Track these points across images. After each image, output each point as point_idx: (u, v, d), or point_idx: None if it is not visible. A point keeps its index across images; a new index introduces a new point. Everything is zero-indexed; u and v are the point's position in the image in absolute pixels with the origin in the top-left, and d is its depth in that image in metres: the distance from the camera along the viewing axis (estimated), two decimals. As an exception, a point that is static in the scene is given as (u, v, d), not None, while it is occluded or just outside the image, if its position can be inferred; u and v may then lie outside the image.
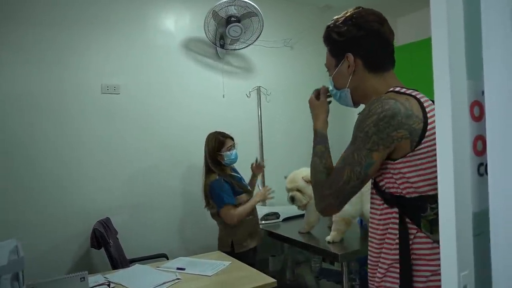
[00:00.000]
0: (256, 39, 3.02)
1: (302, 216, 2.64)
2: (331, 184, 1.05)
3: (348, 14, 1.11)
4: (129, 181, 2.72)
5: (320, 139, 1.17)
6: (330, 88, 1.20)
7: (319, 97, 1.23)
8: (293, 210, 2.85)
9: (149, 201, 2.76)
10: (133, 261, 2.45)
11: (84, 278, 1.47)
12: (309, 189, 2.31)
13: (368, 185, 1.11)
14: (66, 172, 2.52)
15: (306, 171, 2.38)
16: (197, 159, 2.95)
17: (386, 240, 1.03)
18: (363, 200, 2.09)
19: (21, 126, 2.40)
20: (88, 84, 2.61)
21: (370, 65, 1.09)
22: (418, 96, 1.01)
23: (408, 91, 1.03)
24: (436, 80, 0.61)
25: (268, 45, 3.27)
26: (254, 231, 2.50)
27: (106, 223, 2.47)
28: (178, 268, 1.95)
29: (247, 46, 3.06)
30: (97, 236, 2.22)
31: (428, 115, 0.96)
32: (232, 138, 2.50)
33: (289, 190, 2.39)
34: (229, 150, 2.45)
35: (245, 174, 2.78)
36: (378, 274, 1.04)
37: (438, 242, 0.90)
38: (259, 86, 3.27)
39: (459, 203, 0.58)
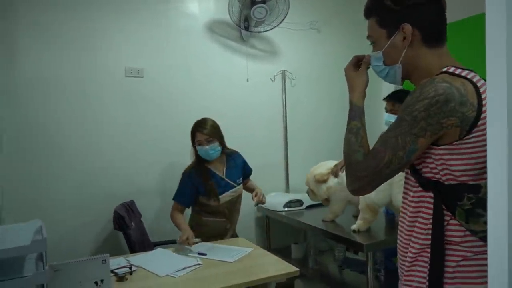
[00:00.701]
0: (282, 21, 2.92)
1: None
2: (367, 166, 0.98)
3: None
4: (153, 165, 2.73)
5: (355, 113, 1.07)
6: (377, 64, 1.06)
7: (357, 65, 1.13)
8: (317, 197, 2.79)
9: (173, 185, 2.75)
10: (157, 244, 2.47)
11: (105, 260, 1.47)
12: (320, 189, 2.33)
13: (400, 174, 1.04)
14: (90, 155, 2.54)
15: (320, 169, 2.38)
16: (220, 144, 2.94)
17: (417, 224, 1.00)
18: (392, 189, 2.00)
19: (45, 109, 2.43)
20: (112, 68, 2.60)
21: (429, 37, 0.98)
22: (474, 80, 0.92)
23: (464, 73, 0.93)
24: (489, 55, 0.53)
25: (293, 27, 3.16)
26: (223, 233, 2.36)
27: (129, 206, 2.49)
28: (199, 253, 1.94)
29: (272, 28, 2.97)
30: (117, 218, 2.24)
31: (483, 102, 0.88)
32: (207, 134, 2.23)
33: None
34: (199, 145, 2.25)
35: (268, 158, 2.72)
36: (408, 259, 1.02)
37: (471, 231, 0.92)
38: (284, 70, 3.18)
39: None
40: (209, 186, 2.27)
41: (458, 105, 0.87)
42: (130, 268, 1.74)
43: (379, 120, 2.96)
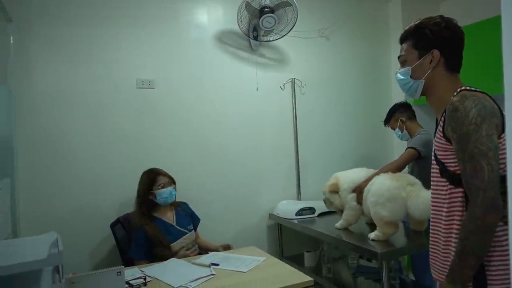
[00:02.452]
0: (290, 29, 2.94)
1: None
2: (477, 188, 1.03)
3: (439, 18, 1.22)
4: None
5: (464, 264, 1.08)
6: (403, 77, 1.27)
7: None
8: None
9: (184, 196, 2.77)
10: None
11: (120, 272, 1.48)
12: (335, 199, 2.39)
13: (416, 186, 1.11)
14: (102, 167, 2.56)
15: (344, 177, 2.40)
16: (231, 154, 2.95)
17: (455, 218, 1.12)
18: (409, 202, 1.95)
19: (58, 123, 2.46)
20: (124, 80, 2.64)
21: (450, 65, 1.21)
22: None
23: (478, 90, 1.13)
24: (507, 67, 0.53)
25: (302, 35, 3.17)
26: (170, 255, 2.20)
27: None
28: (212, 264, 1.94)
29: (281, 37, 2.98)
30: (114, 225, 2.39)
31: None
32: (168, 176, 2.37)
33: None
34: (162, 188, 2.30)
35: (279, 166, 2.69)
36: (451, 252, 1.13)
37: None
38: (294, 78, 3.19)
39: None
40: (160, 237, 2.22)
41: (492, 109, 1.06)
42: (145, 279, 1.75)
43: (392, 136, 2.91)
